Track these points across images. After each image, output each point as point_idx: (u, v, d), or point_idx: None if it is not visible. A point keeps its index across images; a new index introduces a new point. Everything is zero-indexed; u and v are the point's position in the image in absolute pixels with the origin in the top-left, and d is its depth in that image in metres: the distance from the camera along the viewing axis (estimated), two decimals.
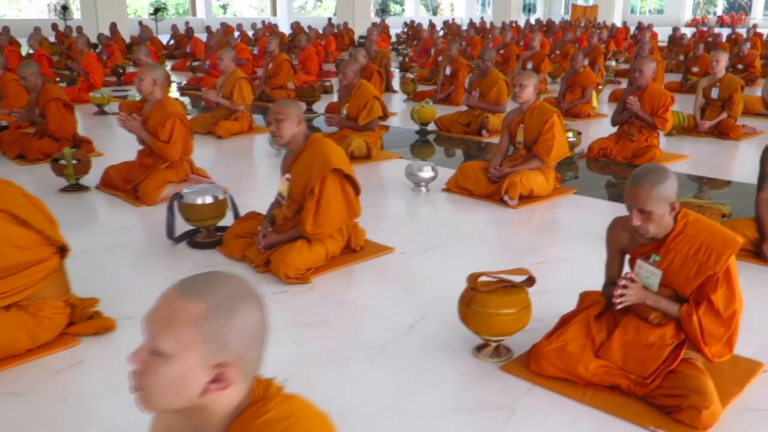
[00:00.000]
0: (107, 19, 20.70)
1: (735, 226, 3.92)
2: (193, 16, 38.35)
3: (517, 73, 11.52)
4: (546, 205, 4.99)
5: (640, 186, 2.41)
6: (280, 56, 10.06)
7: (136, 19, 25.82)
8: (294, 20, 31.45)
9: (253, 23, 21.94)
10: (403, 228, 4.52)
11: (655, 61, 6.36)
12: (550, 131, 5.04)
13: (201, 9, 37.14)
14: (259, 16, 42.69)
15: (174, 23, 21.78)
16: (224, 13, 53.15)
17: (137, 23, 23.87)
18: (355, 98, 6.35)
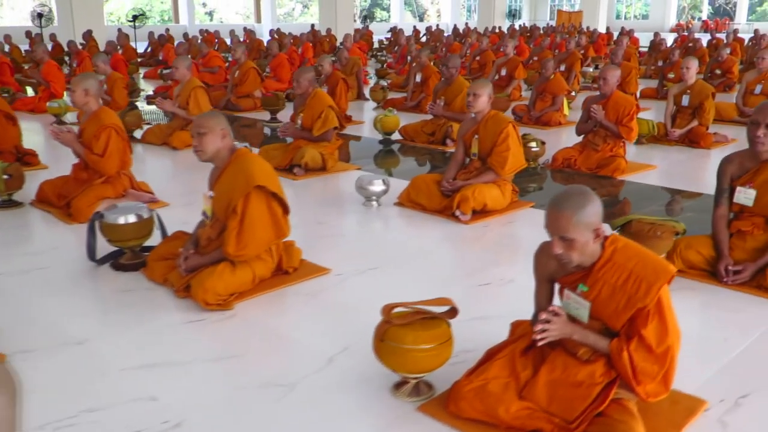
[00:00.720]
0: (84, 27, 20.40)
1: (690, 243, 3.71)
2: (176, 23, 38.04)
3: (490, 79, 11.37)
4: (501, 221, 4.75)
5: (561, 211, 2.18)
6: (246, 64, 9.81)
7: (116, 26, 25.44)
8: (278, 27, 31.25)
9: (231, 30, 21.66)
10: (345, 247, 4.27)
11: (619, 68, 6.16)
12: (504, 142, 4.82)
13: (184, 16, 36.86)
14: (245, 23, 42.42)
15: (152, 30, 21.48)
16: (210, 20, 52.99)
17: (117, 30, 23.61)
18: (309, 108, 6.11)
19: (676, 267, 3.66)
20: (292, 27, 35.44)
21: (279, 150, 6.24)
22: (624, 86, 9.70)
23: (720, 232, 3.70)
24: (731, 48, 16.10)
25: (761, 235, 3.63)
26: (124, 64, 12.53)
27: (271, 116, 8.97)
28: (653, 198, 5.42)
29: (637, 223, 3.60)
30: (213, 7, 56.29)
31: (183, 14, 37.00)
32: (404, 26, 36.78)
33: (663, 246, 3.59)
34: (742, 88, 8.75)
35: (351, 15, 27.69)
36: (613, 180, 5.91)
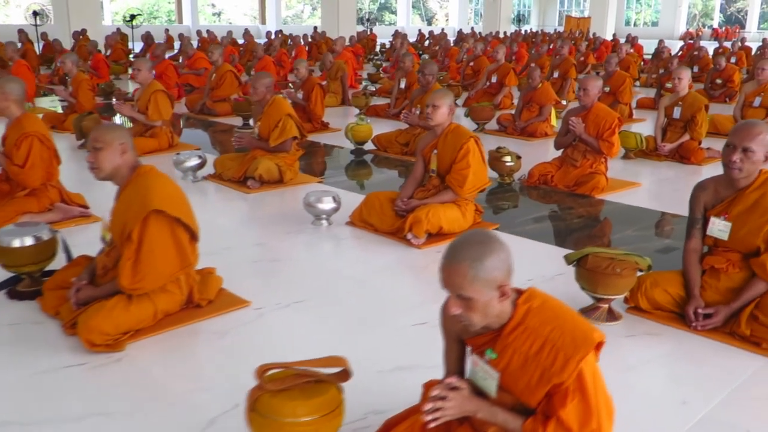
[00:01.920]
0: (81, 26, 20.10)
1: (657, 281, 3.27)
2: (179, 23, 37.79)
3: (479, 87, 10.94)
4: None
5: (455, 265, 1.75)
6: (223, 66, 9.42)
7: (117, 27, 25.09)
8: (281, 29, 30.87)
9: (228, 30, 21.32)
10: (277, 274, 3.84)
11: (600, 78, 5.71)
12: (464, 159, 4.38)
13: (188, 16, 36.59)
14: (252, 24, 42.17)
15: (148, 30, 21.16)
16: (218, 21, 52.80)
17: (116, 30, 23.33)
18: (266, 116, 5.69)
19: (642, 306, 3.26)
20: (300, 29, 35.11)
21: (235, 160, 5.83)
22: (618, 96, 9.25)
23: (691, 268, 3.26)
24: (737, 57, 15.65)
25: (737, 273, 3.18)
26: (106, 64, 12.19)
27: (244, 122, 8.57)
28: (632, 221, 4.97)
29: (593, 258, 3.15)
30: (221, 8, 56.18)
31: (186, 14, 36.71)
32: (412, 30, 36.41)
33: (623, 284, 3.14)
34: (740, 100, 8.27)
35: (353, 18, 27.30)
36: (592, 199, 5.46)
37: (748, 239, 3.11)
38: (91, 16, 21.20)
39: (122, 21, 24.27)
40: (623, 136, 6.91)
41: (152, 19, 49.81)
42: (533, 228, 4.74)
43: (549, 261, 4.03)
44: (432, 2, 60.49)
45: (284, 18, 53.48)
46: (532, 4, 49.28)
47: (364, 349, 2.95)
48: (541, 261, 4.07)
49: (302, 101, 8.20)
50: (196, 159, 5.80)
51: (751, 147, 3.00)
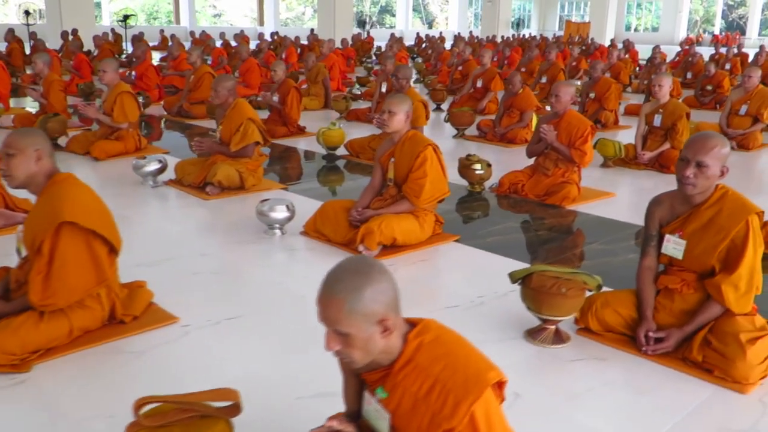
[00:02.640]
0: (74, 25, 19.96)
1: (608, 301, 3.08)
2: (176, 24, 37.68)
3: (465, 92, 10.76)
4: (412, 258, 4.13)
5: (330, 297, 1.57)
6: (201, 68, 9.24)
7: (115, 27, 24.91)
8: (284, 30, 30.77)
9: (221, 32, 21.18)
10: (215, 287, 3.65)
11: (573, 85, 5.53)
12: (421, 168, 4.20)
13: (185, 17, 36.47)
14: (251, 26, 42.04)
15: (141, 31, 20.99)
16: (218, 22, 52.67)
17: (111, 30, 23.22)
18: (228, 120, 5.52)
19: (593, 327, 3.07)
20: (300, 31, 34.94)
21: (196, 165, 5.65)
22: (603, 102, 9.06)
23: (644, 288, 3.07)
24: (731, 63, 15.46)
25: (691, 294, 2.98)
26: (88, 65, 12.02)
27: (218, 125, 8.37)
28: (601, 233, 4.77)
29: (538, 277, 2.96)
30: (222, 10, 56.10)
31: (184, 15, 36.59)
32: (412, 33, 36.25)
33: (570, 305, 2.95)
34: (726, 108, 8.08)
35: (350, 20, 27.17)
36: (562, 210, 5.27)
37: (703, 258, 2.92)
38: (84, 16, 21.06)
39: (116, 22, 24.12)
40: (601, 144, 6.73)
41: (152, 20, 49.76)
42: (496, 240, 4.54)
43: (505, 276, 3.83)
44: (433, 6, 60.36)
45: (285, 20, 53.42)
46: (532, 9, 49.11)
47: (288, 373, 2.77)
48: (497, 276, 3.86)
49: (278, 104, 8.02)
50: (156, 163, 5.62)
51: (705, 161, 2.81)
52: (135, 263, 3.84)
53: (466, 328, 3.18)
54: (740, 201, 2.89)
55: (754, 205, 2.89)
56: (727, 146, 2.87)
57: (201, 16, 54.05)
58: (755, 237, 2.82)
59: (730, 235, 2.84)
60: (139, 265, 3.83)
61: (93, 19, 21.95)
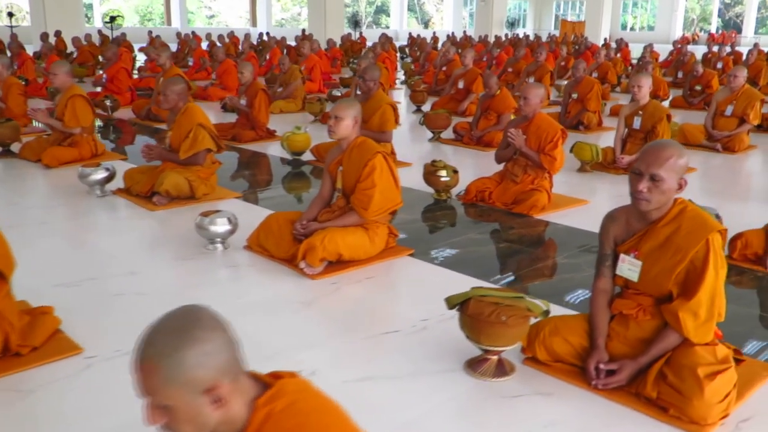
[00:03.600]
0: (60, 27, 19.68)
1: (558, 328, 2.77)
2: (168, 25, 37.37)
3: (446, 93, 10.45)
4: (358, 275, 3.82)
5: (143, 362, 1.27)
6: (171, 70, 8.93)
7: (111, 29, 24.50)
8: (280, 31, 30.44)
9: (207, 33, 20.87)
10: (134, 311, 3.34)
11: (543, 86, 5.22)
12: (369, 177, 3.89)
13: (176, 18, 36.15)
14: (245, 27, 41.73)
15: (124, 32, 20.67)
16: (209, 23, 52.34)
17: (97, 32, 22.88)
18: (178, 125, 5.21)
19: (540, 357, 2.76)
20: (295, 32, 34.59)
21: (145, 174, 5.34)
22: (586, 103, 8.76)
23: (597, 313, 2.76)
24: (723, 62, 15.16)
25: (648, 321, 2.68)
26: None
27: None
28: (568, 245, 4.47)
29: (475, 304, 2.66)
30: (218, 11, 55.79)
31: (175, 17, 36.29)
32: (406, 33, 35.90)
33: (511, 334, 2.65)
34: (712, 109, 7.78)
35: (341, 20, 26.88)
36: (529, 219, 4.96)
37: (659, 281, 2.62)
38: (70, 17, 20.76)
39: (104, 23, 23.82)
40: (578, 147, 6.43)
41: (146, 21, 49.46)
42: (454, 254, 4.24)
43: None
44: (428, 5, 60.08)
45: (280, 21, 53.15)
46: (527, 8, 48.79)
47: None
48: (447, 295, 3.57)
49: (245, 108, 7.72)
50: (103, 172, 5.32)
51: (660, 174, 2.51)
52: (54, 283, 3.55)
53: (403, 357, 2.89)
54: (700, 218, 2.58)
55: (715, 222, 2.58)
56: (685, 156, 2.57)
57: (196, 18, 53.82)
58: (716, 258, 2.52)
59: (688, 256, 2.54)
60: (57, 286, 3.53)
61: (79, 21, 21.63)
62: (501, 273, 3.93)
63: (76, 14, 21.01)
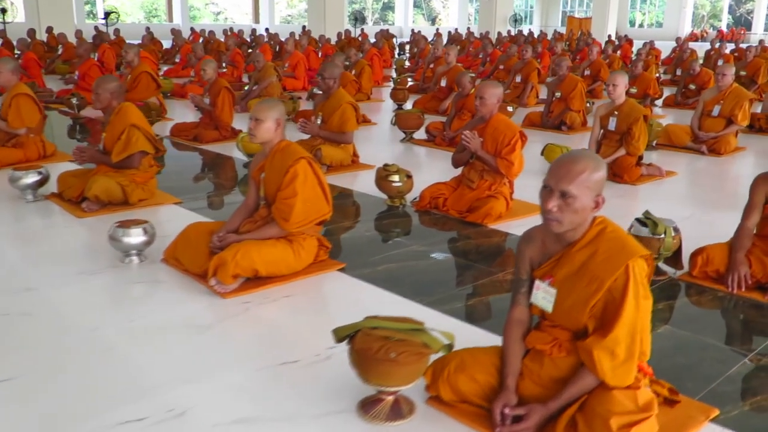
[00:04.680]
0: (52, 23, 19.47)
1: (464, 363, 2.43)
2: (170, 21, 37.15)
3: (429, 91, 10.08)
4: (273, 294, 3.47)
5: None
6: (138, 67, 8.63)
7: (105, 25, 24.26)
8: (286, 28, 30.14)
9: (202, 29, 20.58)
10: (11, 336, 3.01)
11: (501, 86, 4.85)
12: (290, 186, 3.56)
13: (177, 14, 35.92)
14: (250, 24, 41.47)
15: (117, 28, 20.43)
16: (215, 20, 52.15)
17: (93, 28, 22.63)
18: (111, 126, 4.90)
19: (444, 397, 2.42)
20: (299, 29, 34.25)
21: (78, 178, 5.02)
22: (569, 102, 8.40)
23: (509, 347, 2.42)
24: (724, 60, 14.71)
25: (563, 359, 2.33)
26: (37, 64, 11.45)
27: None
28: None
29: (363, 338, 2.31)
30: (224, 7, 55.59)
31: (177, 13, 36.06)
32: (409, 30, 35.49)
33: (404, 373, 2.30)
34: (698, 109, 7.38)
35: (341, 16, 26.49)
36: (483, 229, 4.61)
37: (574, 313, 2.27)
38: (62, 13, 20.56)
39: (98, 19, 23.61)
40: (549, 150, 6.08)
41: (151, 18, 49.33)
42: (391, 268, 3.88)
43: None
44: (435, 2, 59.62)
45: (286, 17, 52.86)
46: (534, 5, 48.26)
47: None
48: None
49: (209, 107, 7.40)
50: (35, 175, 5.02)
51: (571, 191, 2.16)
52: None
53: (294, 394, 2.49)
54: (619, 241, 2.23)
55: (637, 246, 2.22)
56: (602, 170, 2.21)
57: (202, 15, 53.68)
58: (637, 288, 2.16)
59: (604, 285, 2.18)
60: None
61: (72, 17, 21.42)
62: (438, 292, 3.57)
63: (66, 10, 20.77)
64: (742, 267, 3.52)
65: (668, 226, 3.63)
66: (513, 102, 10.66)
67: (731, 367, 2.79)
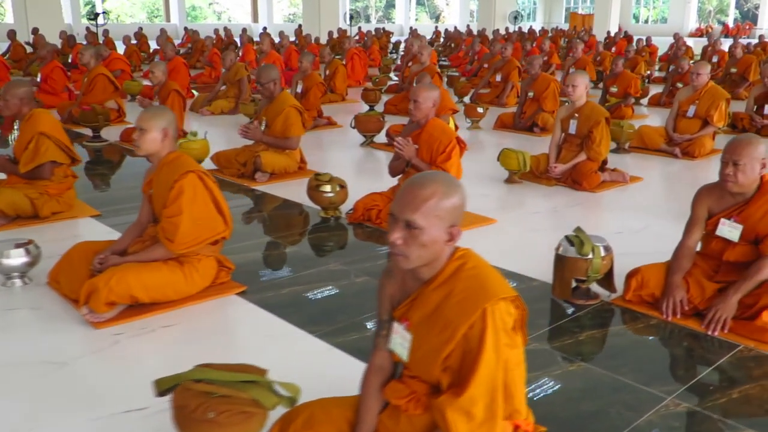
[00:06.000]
0: (39, 24, 19.22)
1: (313, 418, 2.07)
2: (167, 21, 36.93)
3: (403, 91, 9.71)
4: (155, 322, 3.13)
5: None
6: (95, 69, 8.31)
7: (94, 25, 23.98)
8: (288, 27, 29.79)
9: (192, 30, 20.29)
10: None
11: (437, 88, 4.48)
12: (175, 203, 3.22)
13: (174, 14, 35.69)
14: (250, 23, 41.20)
15: (106, 29, 20.16)
16: (218, 19, 51.93)
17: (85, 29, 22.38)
18: (21, 134, 4.57)
19: None
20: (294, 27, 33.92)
21: None
22: (542, 102, 8.00)
23: (365, 399, 2.06)
24: (719, 56, 14.29)
25: (419, 416, 1.97)
26: (4, 66, 11.16)
27: (94, 134, 7.45)
28: None
29: (181, 393, 1.97)
30: (225, 6, 55.36)
31: (174, 13, 35.83)
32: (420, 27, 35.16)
33: None
34: (673, 110, 6.98)
35: (336, 15, 26.14)
36: None
37: (427, 365, 1.91)
38: (50, 13, 20.34)
39: (86, 19, 23.38)
40: (504, 155, 5.70)
41: (153, 17, 49.16)
42: (296, 292, 3.53)
43: (255, 356, 2.85)
44: None
45: (288, 16, 52.53)
46: (537, 1, 47.75)
47: None
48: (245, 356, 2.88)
49: None
50: None
51: (416, 221, 1.79)
52: None
53: None
54: (477, 280, 1.86)
55: (501, 286, 1.85)
56: (455, 196, 1.84)
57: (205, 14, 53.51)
58: (498, 337, 1.80)
59: (458, 332, 1.82)
60: None
61: (61, 17, 21.19)
62: (339, 321, 3.21)
63: (54, 11, 20.54)
64: (677, 291, 3.14)
65: (597, 246, 3.25)
66: (492, 102, 10.33)
67: (643, 415, 2.42)
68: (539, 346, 2.92)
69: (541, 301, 3.41)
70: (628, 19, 40.36)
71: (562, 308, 3.32)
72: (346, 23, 27.80)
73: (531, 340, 2.94)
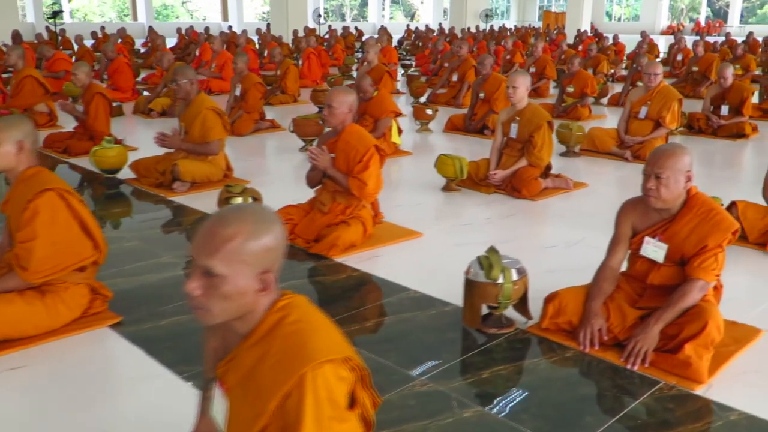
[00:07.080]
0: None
1: None
2: (134, 20, 36.24)
3: None
4: (6, 362, 2.74)
5: None
6: (23, 71, 7.85)
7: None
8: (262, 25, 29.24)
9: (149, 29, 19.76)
10: None
11: (351, 92, 4.11)
12: (29, 226, 2.84)
13: (142, 13, 34.97)
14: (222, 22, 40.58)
15: (63, 28, 19.56)
16: (191, 18, 51.19)
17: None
18: None
19: None
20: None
21: None
22: (492, 104, 7.68)
23: None
24: (683, 54, 14.09)
25: None
26: None
27: None
28: (367, 303, 3.38)
29: None
30: (198, 5, 54.64)
31: (141, 12, 35.13)
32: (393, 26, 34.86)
33: None
34: (625, 111, 6.68)
35: (304, 13, 25.67)
36: (328, 262, 3.88)
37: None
38: (4, 13, 19.76)
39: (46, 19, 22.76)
40: (440, 162, 5.36)
41: (123, 17, 48.34)
42: (178, 323, 3.15)
43: (106, 402, 2.47)
44: None
45: (261, 14, 51.89)
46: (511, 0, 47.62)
47: None
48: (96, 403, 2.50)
49: (82, 114, 6.63)
50: None
51: (215, 267, 1.43)
52: None
53: None
54: (298, 338, 1.49)
55: (331, 345, 1.49)
56: (268, 235, 1.48)
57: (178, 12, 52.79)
58: (321, 410, 1.43)
59: (270, 404, 1.46)
60: None
61: (17, 17, 20.60)
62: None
63: (11, 10, 19.93)
64: (596, 320, 2.81)
65: (509, 269, 2.91)
66: (449, 103, 10.01)
67: None
68: (434, 387, 2.56)
69: (451, 329, 3.06)
70: (601, 17, 40.31)
71: (473, 338, 2.98)
72: (316, 22, 27.31)
73: (427, 380, 2.59)
